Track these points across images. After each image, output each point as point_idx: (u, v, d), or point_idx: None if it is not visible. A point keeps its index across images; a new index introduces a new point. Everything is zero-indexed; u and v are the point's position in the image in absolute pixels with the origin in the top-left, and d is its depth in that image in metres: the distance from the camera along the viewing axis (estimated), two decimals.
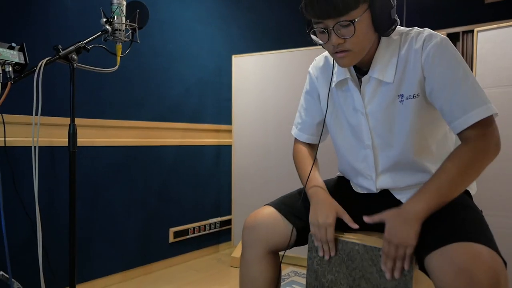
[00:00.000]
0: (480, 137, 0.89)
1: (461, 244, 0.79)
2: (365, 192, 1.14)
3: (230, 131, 2.75)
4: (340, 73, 1.07)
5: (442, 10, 3.01)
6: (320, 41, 0.96)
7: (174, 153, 2.40)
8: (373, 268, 0.96)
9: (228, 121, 2.75)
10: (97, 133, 2.02)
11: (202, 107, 2.60)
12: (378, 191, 1.09)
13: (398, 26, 1.00)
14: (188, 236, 2.48)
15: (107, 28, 1.43)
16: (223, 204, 2.75)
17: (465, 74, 0.92)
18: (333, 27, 0.90)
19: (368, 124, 1.04)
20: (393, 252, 0.88)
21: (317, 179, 1.13)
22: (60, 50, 1.30)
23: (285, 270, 2.29)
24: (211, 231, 2.64)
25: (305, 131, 1.23)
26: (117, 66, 1.50)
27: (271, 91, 2.43)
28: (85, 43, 1.36)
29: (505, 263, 0.77)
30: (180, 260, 2.45)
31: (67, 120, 1.40)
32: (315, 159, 1.19)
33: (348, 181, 1.21)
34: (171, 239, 2.38)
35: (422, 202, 0.88)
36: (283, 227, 1.10)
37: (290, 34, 3.43)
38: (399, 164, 1.04)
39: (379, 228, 0.97)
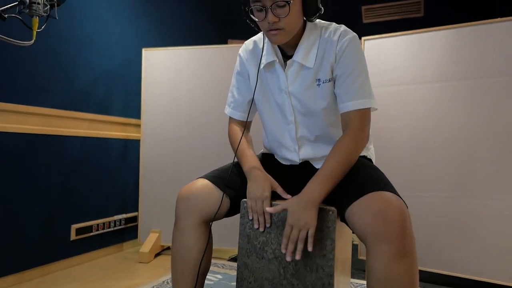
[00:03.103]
0: (358, 126, 1.10)
1: (375, 194, 0.97)
2: (289, 164, 1.28)
3: (138, 125, 2.70)
4: (269, 56, 1.19)
5: None
6: (257, 19, 1.08)
7: (79, 145, 2.28)
8: None
9: (136, 115, 2.70)
10: None
11: (110, 98, 2.51)
12: (301, 161, 1.24)
13: (319, 20, 1.17)
14: (91, 234, 2.35)
15: (25, 0, 1.34)
16: (128, 201, 2.67)
17: (362, 69, 1.13)
18: (271, 6, 1.02)
19: (291, 102, 1.19)
20: (296, 235, 1.01)
21: (252, 156, 1.22)
22: None
23: None
24: (115, 228, 2.54)
25: (237, 109, 1.32)
26: (33, 41, 1.40)
27: (183, 86, 2.47)
28: (2, 10, 1.25)
29: (407, 206, 0.97)
30: (83, 259, 2.30)
31: None
32: (248, 138, 1.30)
33: (271, 156, 1.34)
34: (73, 236, 2.23)
35: (317, 189, 1.04)
36: (216, 197, 1.17)
37: (198, 33, 3.52)
38: (317, 137, 1.21)
39: None
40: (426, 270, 1.99)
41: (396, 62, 2.10)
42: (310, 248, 1.01)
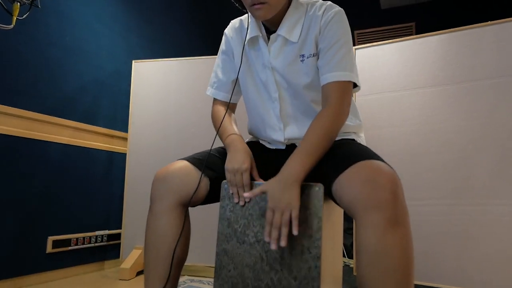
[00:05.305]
0: (337, 100, 1.03)
1: (364, 162, 0.89)
2: (274, 148, 1.20)
3: (124, 138, 2.62)
4: (253, 31, 1.15)
5: None
6: None
7: (61, 152, 2.19)
8: None
9: (124, 128, 2.64)
10: None
11: (97, 108, 2.46)
12: (286, 142, 1.16)
13: None
14: (70, 248, 2.21)
15: None
16: (112, 217, 2.54)
17: (346, 43, 1.08)
18: None
19: (274, 78, 1.14)
20: (278, 219, 0.91)
21: (234, 129, 1.16)
22: None
23: (181, 279, 2.18)
24: (97, 244, 2.40)
25: (221, 89, 1.27)
26: (12, 25, 1.37)
27: (172, 97, 2.43)
28: None
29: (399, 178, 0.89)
30: (59, 274, 2.15)
31: None
32: (231, 117, 1.23)
33: (257, 143, 1.27)
34: (49, 249, 2.09)
35: (298, 165, 0.95)
36: (195, 178, 1.08)
37: (189, 50, 3.54)
38: (302, 115, 1.14)
39: None
40: (423, 284, 1.86)
41: (388, 69, 2.08)
42: (295, 232, 0.90)
